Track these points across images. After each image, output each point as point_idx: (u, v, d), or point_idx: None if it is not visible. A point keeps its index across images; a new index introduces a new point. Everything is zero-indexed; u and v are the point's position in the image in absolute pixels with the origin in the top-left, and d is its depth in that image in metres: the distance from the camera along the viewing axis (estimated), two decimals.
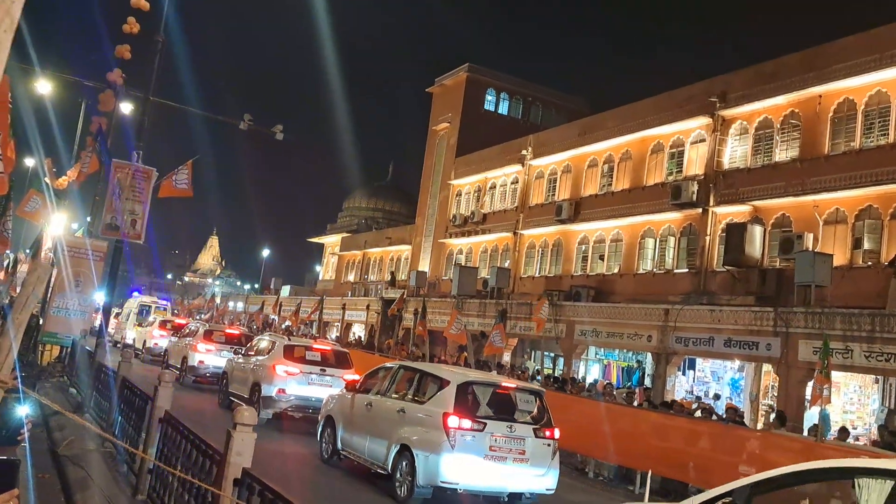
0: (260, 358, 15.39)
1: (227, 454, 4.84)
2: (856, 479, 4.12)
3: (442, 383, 9.66)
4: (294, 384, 14.35)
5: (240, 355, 16.84)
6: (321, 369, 14.73)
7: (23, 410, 5.08)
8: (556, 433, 9.58)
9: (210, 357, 19.88)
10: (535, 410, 9.74)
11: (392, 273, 45.12)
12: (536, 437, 9.35)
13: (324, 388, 13.94)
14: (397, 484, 9.39)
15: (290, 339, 16.06)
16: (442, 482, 8.96)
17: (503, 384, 10.07)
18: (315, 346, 15.84)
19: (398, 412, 9.90)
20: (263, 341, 16.54)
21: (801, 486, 4.83)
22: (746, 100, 23.31)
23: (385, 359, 20.14)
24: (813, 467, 4.88)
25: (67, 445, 8.88)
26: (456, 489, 9.12)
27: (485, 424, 9.10)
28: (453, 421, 8.99)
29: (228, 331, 22.35)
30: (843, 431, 14.27)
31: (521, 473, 9.28)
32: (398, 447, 9.48)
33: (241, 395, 15.27)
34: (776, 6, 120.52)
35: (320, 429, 11.77)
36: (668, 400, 18.54)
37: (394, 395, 10.41)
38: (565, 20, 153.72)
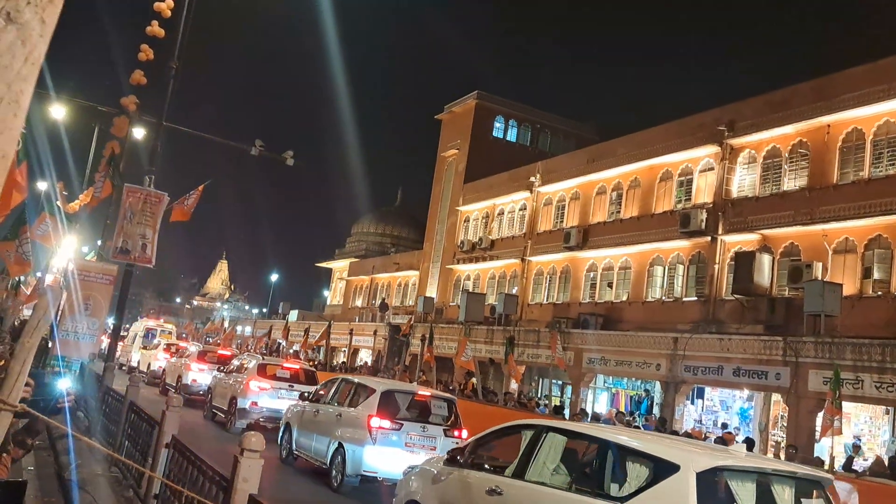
0: (238, 375, 17.09)
1: (234, 480, 4.82)
2: (522, 432, 6.83)
3: (369, 391, 11.42)
4: (266, 398, 16.20)
5: (223, 373, 18.35)
6: (290, 385, 16.52)
7: (63, 384, 5.24)
8: (464, 433, 11.07)
9: (203, 376, 21.18)
10: (447, 415, 11.44)
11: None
12: (446, 436, 11.02)
13: (292, 402, 15.16)
14: (333, 475, 11.16)
15: (263, 359, 18.13)
16: (364, 471, 10.70)
17: (420, 392, 11.85)
18: (285, 364, 17.79)
19: (337, 416, 11.65)
20: (242, 361, 18.24)
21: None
22: (755, 129, 23.33)
23: None
24: (501, 426, 7.28)
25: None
26: (376, 477, 10.81)
27: (402, 425, 10.88)
28: (375, 421, 10.77)
29: (221, 352, 24.10)
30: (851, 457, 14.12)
31: None
32: (336, 444, 11.20)
33: (221, 407, 17.12)
34: (789, 33, 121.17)
35: (280, 434, 13.52)
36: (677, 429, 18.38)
37: (336, 403, 12.11)
38: (575, 46, 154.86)
